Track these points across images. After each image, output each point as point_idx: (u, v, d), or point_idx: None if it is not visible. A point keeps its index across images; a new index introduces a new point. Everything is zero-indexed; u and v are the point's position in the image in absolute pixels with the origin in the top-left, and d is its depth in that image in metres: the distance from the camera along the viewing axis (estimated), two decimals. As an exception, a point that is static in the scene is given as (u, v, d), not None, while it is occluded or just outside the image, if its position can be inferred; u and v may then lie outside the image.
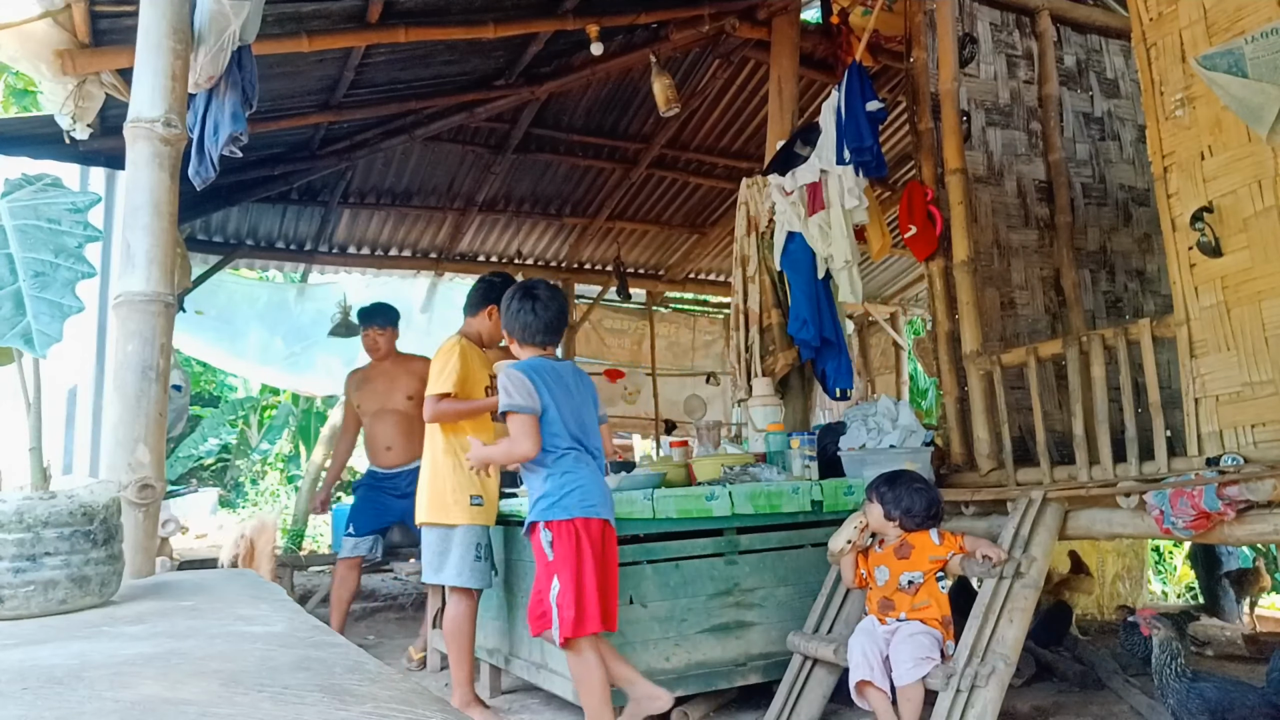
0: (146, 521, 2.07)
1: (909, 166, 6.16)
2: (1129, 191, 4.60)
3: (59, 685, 0.83)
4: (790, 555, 3.47)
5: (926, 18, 4.25)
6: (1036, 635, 3.85)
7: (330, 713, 0.75)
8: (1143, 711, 3.27)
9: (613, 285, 8.59)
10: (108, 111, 3.90)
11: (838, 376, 4.40)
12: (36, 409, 1.44)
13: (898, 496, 3.02)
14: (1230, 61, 2.60)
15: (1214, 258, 2.86)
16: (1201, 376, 2.90)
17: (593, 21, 4.84)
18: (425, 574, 3.49)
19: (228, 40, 2.67)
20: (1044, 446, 3.41)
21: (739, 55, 6.02)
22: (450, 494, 3.42)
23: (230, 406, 12.84)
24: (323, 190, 6.93)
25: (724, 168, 7.64)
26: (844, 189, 4.06)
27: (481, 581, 3.41)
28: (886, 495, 3.03)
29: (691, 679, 3.19)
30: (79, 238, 1.46)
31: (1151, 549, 7.20)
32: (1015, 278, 4.19)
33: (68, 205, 1.49)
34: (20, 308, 1.34)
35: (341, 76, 4.93)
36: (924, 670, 2.73)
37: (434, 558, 3.43)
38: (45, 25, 3.40)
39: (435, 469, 3.48)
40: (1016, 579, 2.84)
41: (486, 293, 3.71)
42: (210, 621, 1.23)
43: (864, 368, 10.26)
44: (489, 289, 3.71)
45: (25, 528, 1.29)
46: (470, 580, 3.37)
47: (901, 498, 3.01)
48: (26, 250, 1.40)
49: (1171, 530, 2.65)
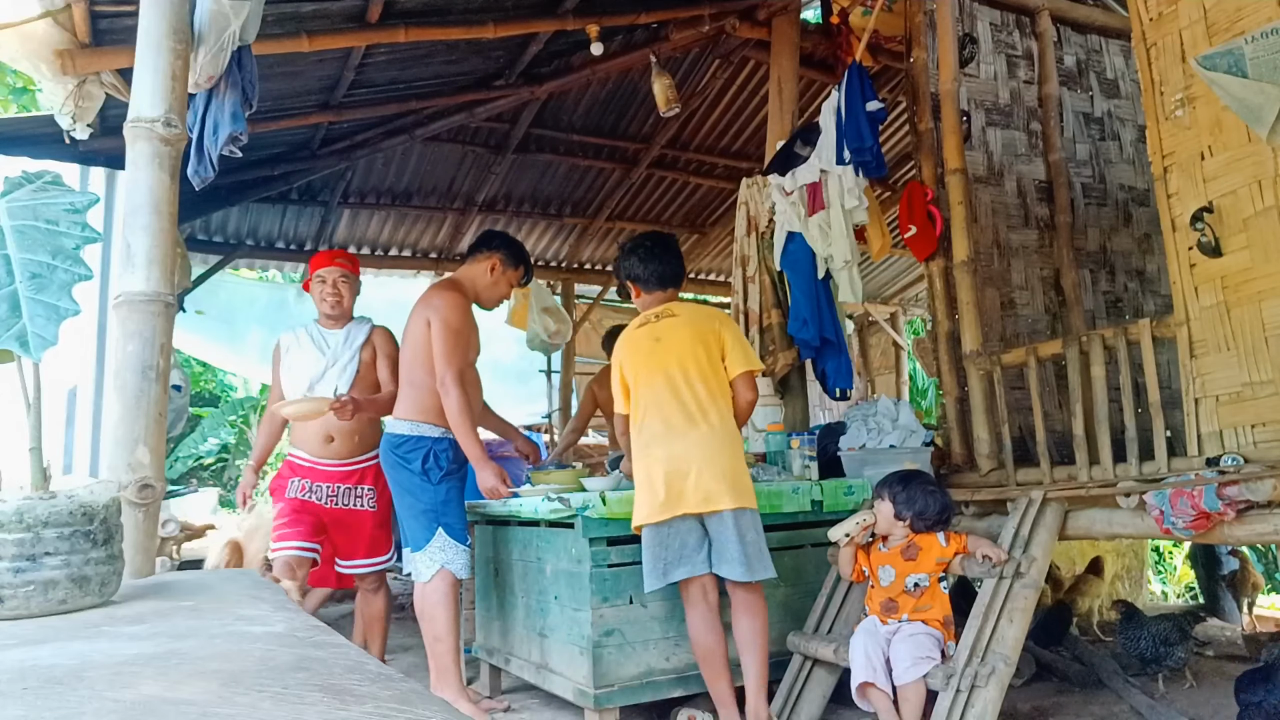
0: (146, 521, 2.07)
1: (909, 166, 6.16)
2: (1129, 191, 4.60)
3: (59, 685, 0.83)
4: (790, 555, 3.47)
5: (926, 18, 4.25)
6: (1036, 635, 3.86)
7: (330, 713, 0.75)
8: (1143, 711, 3.27)
9: (613, 285, 8.59)
10: (108, 111, 3.90)
11: (838, 376, 4.40)
12: (36, 409, 1.44)
13: (911, 498, 3.00)
14: (1230, 61, 2.60)
15: (1214, 258, 2.86)
16: (1201, 376, 2.90)
17: (593, 21, 4.84)
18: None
19: (228, 40, 2.66)
20: (1044, 446, 3.41)
21: (739, 55, 6.02)
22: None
23: (230, 406, 12.82)
24: (323, 190, 6.93)
25: (724, 168, 7.64)
26: (844, 189, 4.06)
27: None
28: (899, 495, 3.01)
29: (692, 679, 3.19)
30: (77, 239, 1.45)
31: (1151, 549, 7.20)
32: (1015, 278, 4.19)
33: (66, 206, 1.49)
34: (16, 310, 1.33)
35: (341, 76, 4.92)
36: (924, 670, 2.72)
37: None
38: (45, 25, 3.40)
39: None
40: (1016, 579, 2.84)
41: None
42: (210, 621, 1.23)
43: (864, 368, 10.26)
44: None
45: (25, 528, 1.29)
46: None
47: (915, 499, 3.00)
48: (24, 251, 1.39)
49: (1171, 530, 2.65)
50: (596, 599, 3.09)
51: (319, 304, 3.86)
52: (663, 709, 3.30)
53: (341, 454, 3.76)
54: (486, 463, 3.43)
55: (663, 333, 3.12)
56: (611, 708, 3.06)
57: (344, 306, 3.86)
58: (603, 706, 3.03)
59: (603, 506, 3.15)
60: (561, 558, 3.30)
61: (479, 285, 3.64)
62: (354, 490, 3.78)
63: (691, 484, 2.94)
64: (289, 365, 3.81)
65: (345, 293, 3.86)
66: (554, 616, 3.35)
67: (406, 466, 3.41)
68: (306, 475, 3.75)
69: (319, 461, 3.75)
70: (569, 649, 3.22)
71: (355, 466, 3.80)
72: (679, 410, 3.02)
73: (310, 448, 3.76)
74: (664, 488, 2.95)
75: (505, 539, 3.81)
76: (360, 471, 3.80)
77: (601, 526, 3.14)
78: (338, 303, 3.83)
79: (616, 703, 3.07)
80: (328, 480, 3.75)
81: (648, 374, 3.09)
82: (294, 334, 3.89)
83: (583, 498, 3.16)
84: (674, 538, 2.96)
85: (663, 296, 3.28)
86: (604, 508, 3.15)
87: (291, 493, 3.69)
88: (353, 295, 3.92)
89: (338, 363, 3.77)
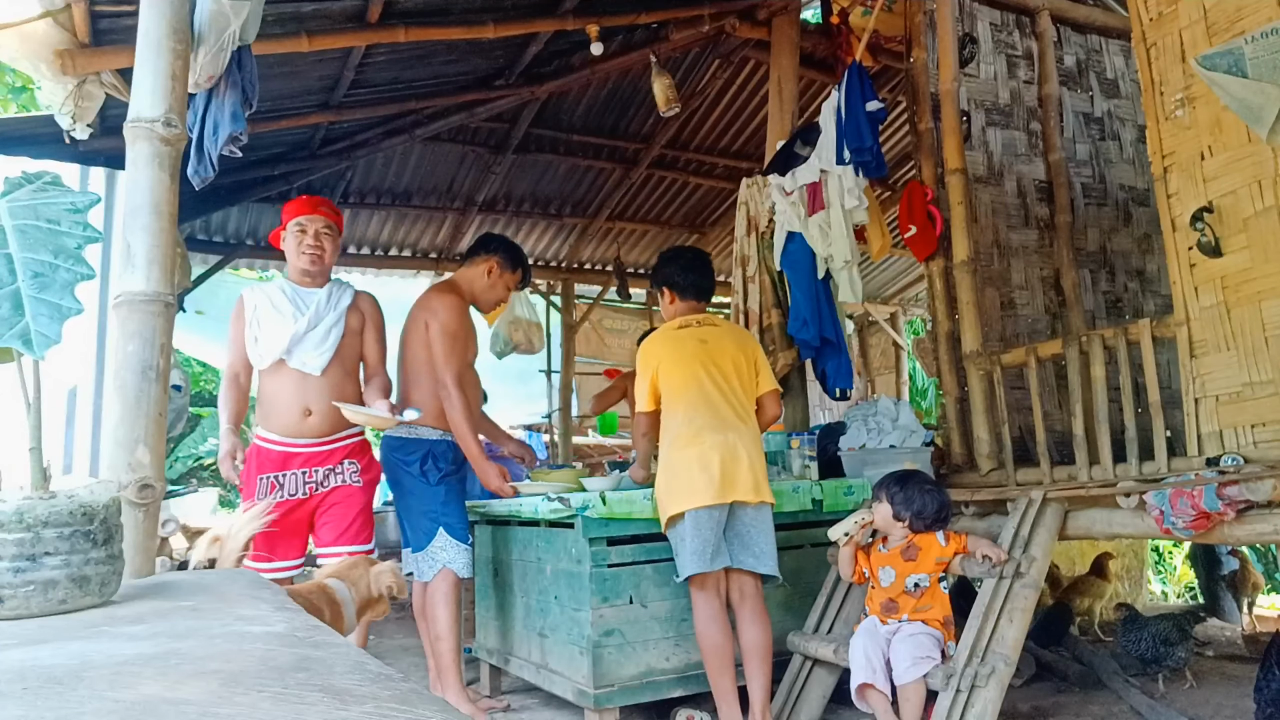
0: (146, 521, 2.07)
1: (909, 166, 6.16)
2: (1129, 191, 4.60)
3: (59, 685, 0.83)
4: (790, 555, 3.47)
5: (926, 18, 4.25)
6: (1036, 635, 3.86)
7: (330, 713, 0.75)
8: (1143, 711, 3.27)
9: (613, 285, 8.60)
10: (108, 111, 3.90)
11: (838, 376, 4.40)
12: (36, 409, 1.44)
13: (909, 498, 3.00)
14: (1230, 61, 2.60)
15: (1214, 258, 2.86)
16: (1201, 376, 2.90)
17: (593, 21, 4.84)
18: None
19: (228, 40, 2.66)
20: (1044, 446, 3.41)
21: (739, 55, 6.02)
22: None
23: (230, 407, 12.82)
24: (323, 190, 6.92)
25: (724, 168, 7.64)
26: (844, 189, 4.06)
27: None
28: (897, 495, 3.01)
29: (692, 679, 3.19)
30: (78, 238, 1.45)
31: (1151, 549, 7.20)
32: (1015, 278, 4.19)
33: (67, 205, 1.49)
34: (19, 309, 1.33)
35: (341, 76, 4.92)
36: (923, 669, 2.72)
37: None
38: (45, 25, 3.40)
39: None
40: (1016, 579, 2.84)
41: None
42: (210, 621, 1.23)
43: (864, 368, 10.26)
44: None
45: (25, 528, 1.29)
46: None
47: (913, 499, 3.00)
48: (26, 251, 1.39)
49: (1171, 530, 2.65)
50: (596, 599, 3.09)
51: (295, 258, 3.37)
52: (663, 709, 3.30)
53: (320, 431, 3.26)
54: (487, 463, 3.44)
55: (708, 336, 3.24)
56: (611, 708, 3.06)
57: (325, 262, 3.40)
58: (603, 706, 3.03)
59: (603, 506, 3.15)
60: (561, 558, 3.30)
61: (477, 288, 3.65)
62: (335, 470, 3.30)
63: (744, 472, 3.04)
64: (260, 326, 3.30)
65: (328, 247, 3.40)
66: (554, 616, 3.35)
67: (406, 469, 3.42)
68: (275, 466, 3.23)
69: (292, 443, 3.24)
70: (569, 649, 3.22)
71: (333, 445, 3.31)
72: (727, 406, 3.14)
73: (282, 425, 3.24)
74: (719, 472, 3.01)
75: (505, 539, 3.81)
76: (340, 450, 3.33)
77: (601, 526, 3.15)
78: (318, 257, 3.35)
79: (616, 703, 3.07)
80: (303, 465, 3.25)
81: (695, 369, 3.17)
82: (263, 291, 3.38)
83: (583, 498, 3.16)
84: (720, 524, 3.03)
85: (696, 306, 3.38)
86: (604, 508, 3.15)
87: (260, 496, 3.15)
88: (335, 251, 3.47)
89: (320, 325, 3.28)
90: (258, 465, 3.24)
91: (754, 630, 3.04)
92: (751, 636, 3.04)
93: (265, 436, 3.27)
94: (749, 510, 3.06)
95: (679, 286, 3.38)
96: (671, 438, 3.13)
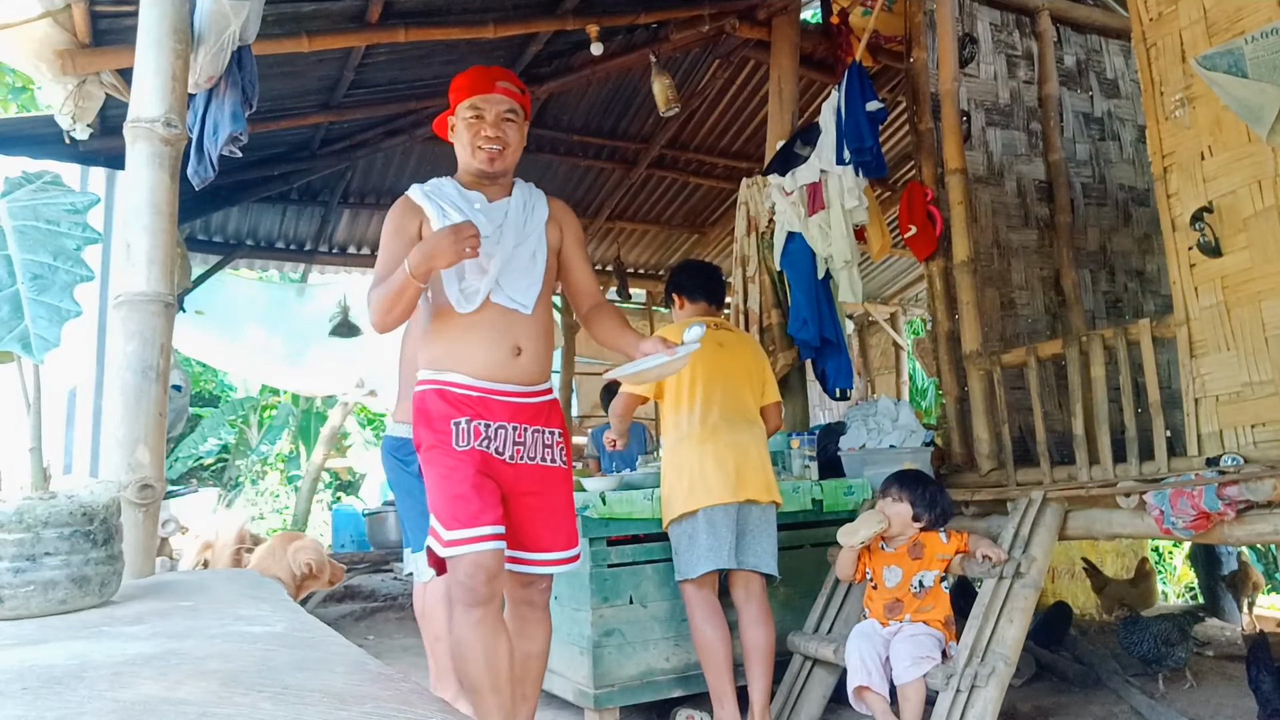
0: (146, 521, 2.07)
1: (909, 166, 6.16)
2: (1129, 191, 4.60)
3: (59, 685, 0.83)
4: (790, 555, 3.47)
5: (926, 18, 4.25)
6: (1036, 635, 3.86)
7: (330, 713, 0.75)
8: (1143, 711, 3.27)
9: (613, 285, 8.59)
10: (108, 111, 3.90)
11: (838, 376, 4.40)
12: (36, 409, 1.44)
13: (932, 499, 3.02)
14: (1230, 61, 2.61)
15: (1214, 258, 2.86)
16: (1201, 376, 2.90)
17: (593, 21, 4.84)
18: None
19: (228, 40, 2.67)
20: (1044, 446, 3.41)
21: (739, 55, 6.02)
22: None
23: (230, 406, 12.82)
24: (323, 190, 6.93)
25: (724, 168, 7.64)
26: (844, 189, 4.06)
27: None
28: (919, 496, 3.02)
29: (691, 679, 3.19)
30: (78, 240, 1.45)
31: (1151, 549, 7.20)
32: (1015, 278, 4.19)
33: (67, 206, 1.49)
34: (18, 311, 1.33)
35: (341, 76, 4.93)
36: (923, 669, 2.73)
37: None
38: (45, 25, 3.40)
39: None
40: (1016, 579, 2.84)
41: None
42: (210, 621, 1.23)
43: (864, 368, 10.27)
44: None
45: (25, 528, 1.29)
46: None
47: (936, 500, 3.03)
48: (25, 252, 1.39)
49: (1171, 530, 2.65)
50: (596, 599, 3.09)
51: (470, 152, 2.32)
52: (663, 709, 3.30)
53: (533, 377, 2.29)
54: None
55: (725, 340, 3.28)
56: (611, 708, 3.06)
57: (508, 160, 2.34)
58: (603, 706, 3.03)
59: (603, 506, 3.15)
60: (561, 558, 3.30)
61: None
62: (543, 435, 2.29)
63: (757, 471, 3.09)
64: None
65: (513, 139, 2.33)
66: (554, 616, 3.34)
67: (406, 469, 3.41)
68: (477, 412, 2.20)
69: (495, 389, 2.22)
70: (569, 649, 3.22)
71: (545, 398, 2.33)
72: (740, 408, 3.19)
73: (482, 363, 2.23)
74: (735, 470, 3.04)
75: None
76: (548, 406, 2.34)
77: (601, 526, 3.14)
78: (500, 153, 2.30)
79: (616, 703, 3.07)
80: (513, 419, 2.23)
81: (712, 367, 3.19)
82: (432, 198, 2.29)
83: (583, 498, 3.15)
84: (735, 522, 3.05)
85: (706, 310, 3.41)
86: (604, 508, 3.15)
87: (463, 442, 2.16)
88: (521, 143, 2.38)
89: (524, 242, 2.31)
90: (444, 409, 2.21)
91: (758, 631, 3.04)
92: (755, 637, 3.04)
93: (449, 380, 2.25)
94: (758, 510, 3.09)
95: (687, 289, 3.44)
96: (682, 434, 3.13)
